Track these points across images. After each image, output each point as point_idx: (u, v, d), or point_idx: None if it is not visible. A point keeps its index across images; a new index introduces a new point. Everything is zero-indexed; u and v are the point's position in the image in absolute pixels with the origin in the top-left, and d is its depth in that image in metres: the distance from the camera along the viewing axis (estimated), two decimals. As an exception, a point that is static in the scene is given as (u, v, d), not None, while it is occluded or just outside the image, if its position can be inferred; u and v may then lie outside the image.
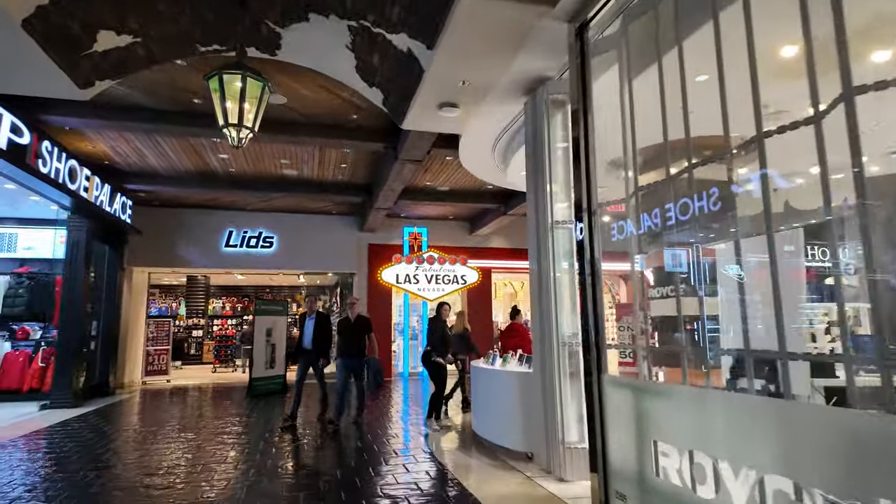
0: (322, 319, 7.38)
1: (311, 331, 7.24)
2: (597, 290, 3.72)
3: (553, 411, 4.42)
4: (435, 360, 6.95)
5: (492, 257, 14.40)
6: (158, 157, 8.97)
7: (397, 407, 8.84)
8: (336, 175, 10.10)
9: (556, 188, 4.66)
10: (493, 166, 7.26)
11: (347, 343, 6.98)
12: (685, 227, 3.93)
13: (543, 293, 4.64)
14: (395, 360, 13.85)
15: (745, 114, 2.54)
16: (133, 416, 8.13)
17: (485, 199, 11.63)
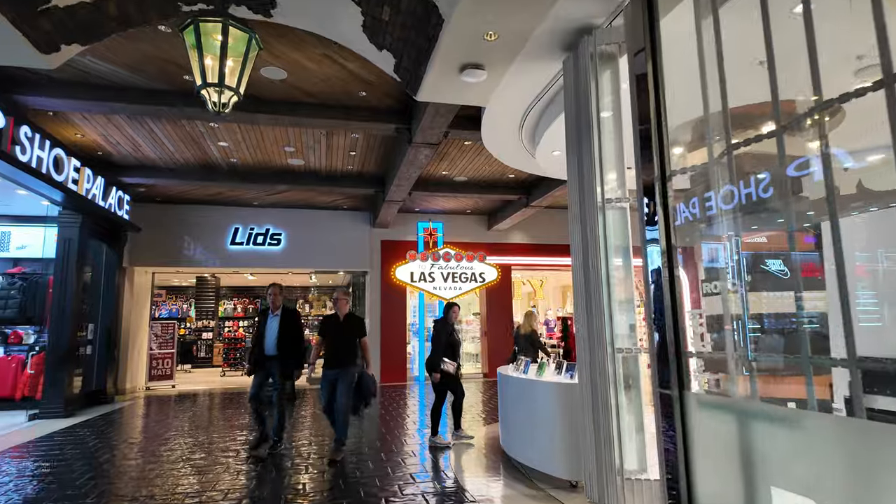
0: (289, 317, 5.82)
1: (274, 332, 5.71)
2: (675, 283, 2.90)
3: (606, 432, 3.59)
4: (444, 368, 6.03)
5: (512, 253, 13.57)
6: (154, 146, 8.31)
7: (413, 417, 8.06)
8: (345, 165, 9.35)
9: (606, 159, 3.83)
10: (519, 147, 6.44)
11: (336, 349, 5.49)
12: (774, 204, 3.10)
13: (591, 289, 3.82)
14: (409, 363, 13.08)
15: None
16: (125, 429, 7.45)
17: (505, 189, 10.81)
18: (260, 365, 5.74)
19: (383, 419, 7.73)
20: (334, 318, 5.69)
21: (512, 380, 5.06)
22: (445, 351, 6.10)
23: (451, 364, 6.08)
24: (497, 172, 9.88)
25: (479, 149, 8.49)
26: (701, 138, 3.16)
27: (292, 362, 5.74)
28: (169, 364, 12.42)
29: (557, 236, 13.77)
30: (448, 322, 6.28)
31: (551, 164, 6.44)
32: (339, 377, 5.42)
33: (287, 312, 5.88)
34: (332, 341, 5.56)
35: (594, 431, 3.74)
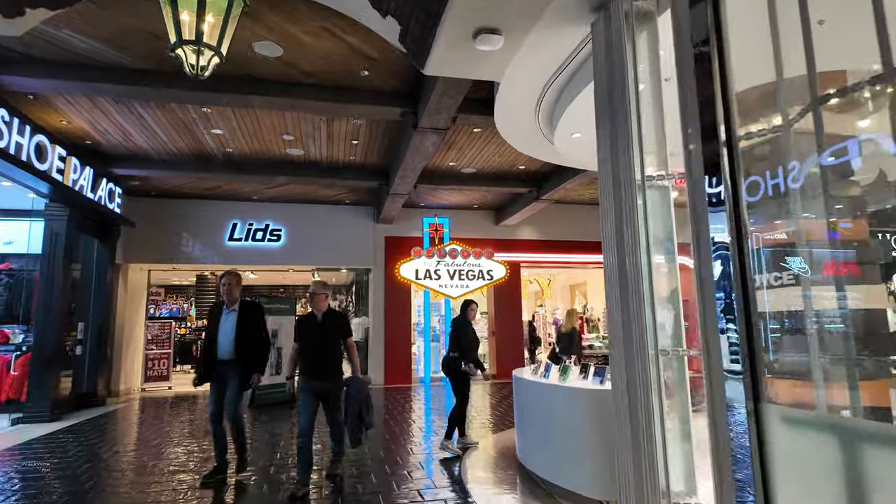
0: (248, 312, 4.76)
1: (230, 332, 4.64)
2: (746, 275, 2.38)
3: (648, 448, 3.08)
4: (464, 369, 5.62)
5: (520, 250, 13.05)
6: (145, 134, 7.84)
7: (419, 422, 7.56)
8: (347, 155, 8.86)
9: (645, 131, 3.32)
10: (535, 131, 5.93)
11: (314, 354, 4.53)
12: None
13: (629, 281, 3.30)
14: (414, 363, 12.60)
15: None
16: (110, 435, 6.99)
17: (515, 182, 10.30)
18: (212, 373, 4.67)
19: (387, 425, 7.24)
20: (311, 319, 4.66)
21: (530, 384, 4.55)
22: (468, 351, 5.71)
23: (476, 367, 5.70)
24: (507, 163, 9.38)
25: (488, 136, 7.99)
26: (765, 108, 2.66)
27: (252, 367, 4.70)
28: (165, 365, 11.98)
29: (568, 232, 13.25)
30: (467, 319, 5.88)
31: (570, 148, 5.92)
32: (324, 392, 4.56)
33: (247, 307, 4.81)
34: (311, 347, 4.56)
35: (632, 446, 3.22)
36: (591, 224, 13.39)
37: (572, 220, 13.26)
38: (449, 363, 5.78)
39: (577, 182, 9.34)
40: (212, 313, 4.88)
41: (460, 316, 5.98)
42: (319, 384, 4.53)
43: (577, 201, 12.86)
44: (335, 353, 4.64)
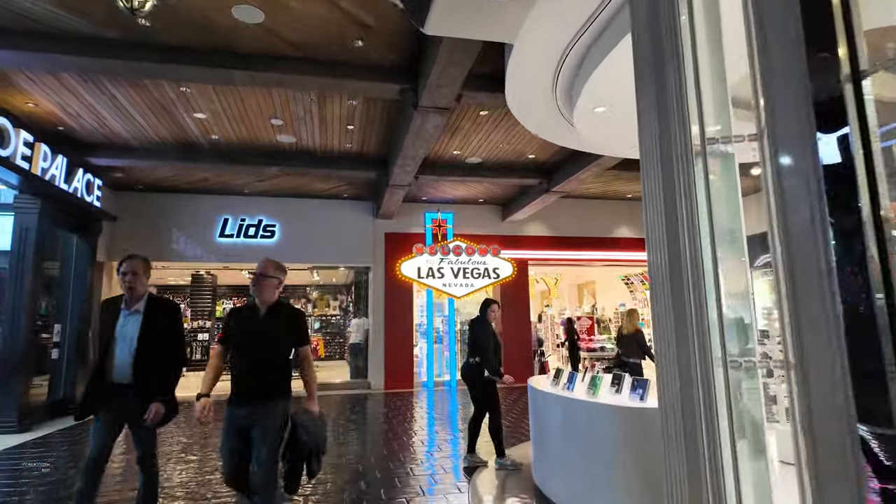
0: (160, 314, 3.31)
1: (129, 342, 3.19)
2: (888, 262, 1.68)
3: (713, 479, 2.38)
4: (489, 377, 4.99)
5: (528, 247, 12.36)
6: (121, 119, 7.19)
7: (421, 434, 6.88)
8: (343, 143, 8.19)
9: (703, 84, 2.63)
10: (551, 107, 5.24)
11: (248, 365, 3.10)
12: None
13: (685, 278, 2.61)
14: (416, 366, 11.93)
15: None
16: (80, 451, 6.33)
17: (523, 172, 9.61)
18: (102, 402, 3.19)
19: (385, 437, 6.57)
20: (248, 313, 3.20)
21: (551, 398, 3.87)
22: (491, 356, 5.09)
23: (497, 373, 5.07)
24: (515, 152, 8.69)
25: (496, 120, 7.31)
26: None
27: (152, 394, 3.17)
28: (153, 368, 11.31)
29: (578, 228, 12.56)
30: (487, 321, 5.23)
31: (592, 127, 5.23)
32: (254, 422, 3.01)
33: (158, 307, 3.33)
34: (244, 353, 3.10)
35: (689, 476, 2.53)
36: (602, 219, 12.70)
37: (582, 215, 12.57)
38: (469, 370, 5.14)
39: (592, 172, 8.64)
40: (105, 314, 3.34)
41: (479, 317, 5.35)
42: (247, 412, 3.00)
43: (588, 195, 12.18)
44: (280, 367, 3.14)
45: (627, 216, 12.87)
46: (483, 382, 5.05)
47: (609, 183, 11.01)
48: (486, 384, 5.04)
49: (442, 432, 6.85)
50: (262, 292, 3.17)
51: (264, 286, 3.18)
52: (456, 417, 8.02)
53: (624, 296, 16.45)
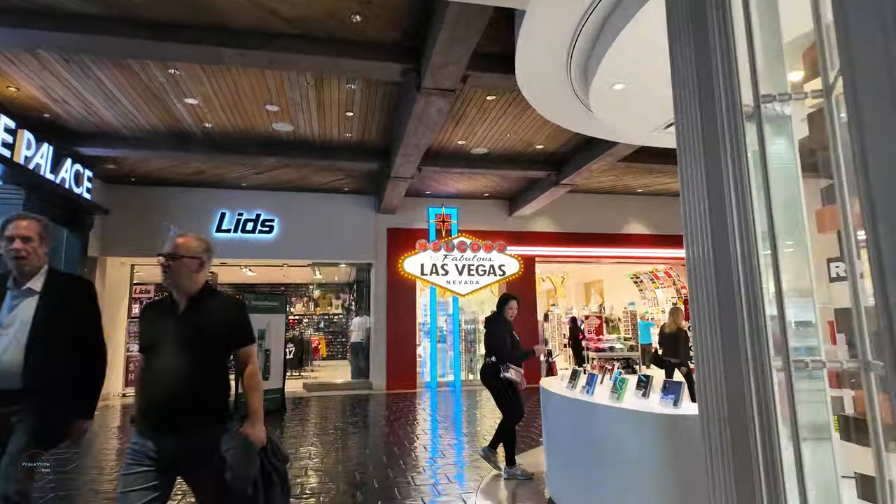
0: (65, 295, 2.43)
1: (18, 333, 2.27)
2: None
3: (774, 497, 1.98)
4: (505, 375, 4.55)
5: (535, 243, 11.96)
6: (109, 105, 6.84)
7: (423, 438, 6.50)
8: (342, 131, 7.82)
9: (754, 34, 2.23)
10: (565, 88, 4.84)
11: (161, 379, 2.13)
12: None
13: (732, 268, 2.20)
14: (419, 367, 11.55)
15: None
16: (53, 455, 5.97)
17: (531, 164, 9.20)
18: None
19: (386, 442, 6.19)
20: (162, 308, 2.28)
21: (567, 402, 3.47)
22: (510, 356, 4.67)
23: (516, 371, 4.59)
24: (523, 142, 8.29)
25: (504, 106, 6.92)
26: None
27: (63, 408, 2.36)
28: (148, 367, 10.97)
29: (588, 223, 12.14)
30: (505, 319, 4.78)
31: (609, 107, 4.82)
32: (179, 461, 2.11)
33: (62, 284, 2.47)
34: (158, 362, 2.17)
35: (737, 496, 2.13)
36: (612, 215, 12.28)
37: (592, 210, 12.16)
38: (485, 371, 4.73)
39: (603, 163, 8.23)
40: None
41: (495, 313, 4.91)
42: (167, 443, 2.08)
43: (597, 190, 11.76)
44: (209, 379, 2.19)
45: (639, 212, 12.44)
46: (499, 383, 4.60)
47: (620, 176, 10.60)
48: (504, 385, 4.58)
49: (446, 436, 6.46)
50: (177, 278, 2.21)
51: (180, 269, 2.21)
52: (461, 420, 7.63)
53: (633, 294, 16.03)
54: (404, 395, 10.22)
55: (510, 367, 4.56)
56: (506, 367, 4.55)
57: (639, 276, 15.59)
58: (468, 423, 7.30)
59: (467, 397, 9.85)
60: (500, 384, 4.57)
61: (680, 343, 6.66)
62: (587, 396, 3.26)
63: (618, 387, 3.04)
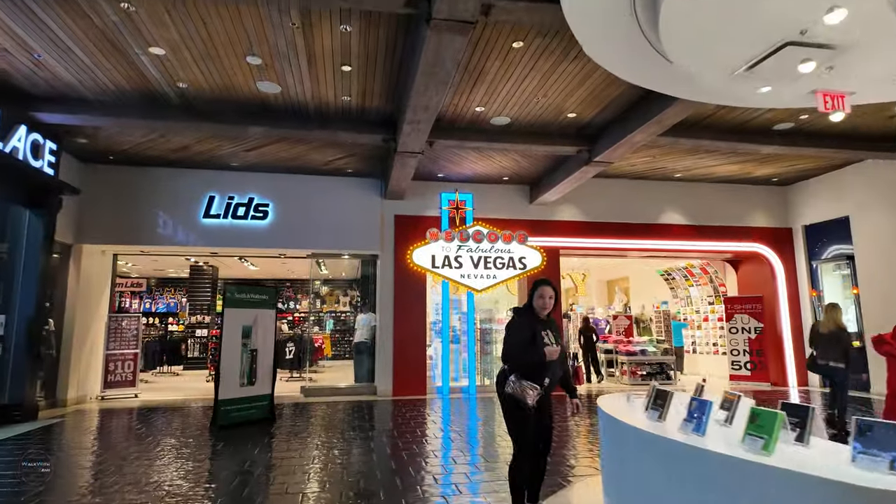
0: None
1: None
2: None
3: None
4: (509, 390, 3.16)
5: (560, 233, 10.70)
6: (63, 58, 5.75)
7: (434, 459, 5.28)
8: (339, 93, 6.65)
9: None
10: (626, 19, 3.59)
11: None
12: None
13: None
14: (430, 370, 10.36)
15: None
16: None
17: (560, 137, 7.95)
18: None
19: (395, 454, 4.99)
20: None
21: (654, 444, 2.23)
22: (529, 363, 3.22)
23: (532, 389, 3.09)
24: (553, 108, 7.05)
25: (532, 57, 5.70)
26: None
27: None
28: (130, 367, 9.94)
29: (619, 212, 10.86)
30: (533, 314, 3.38)
31: (685, 33, 3.56)
32: None
33: None
34: None
35: None
36: (646, 202, 10.98)
37: (623, 197, 10.88)
38: (496, 381, 3.42)
39: (647, 134, 6.96)
40: None
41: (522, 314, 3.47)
42: None
43: (630, 174, 10.49)
44: None
45: (675, 200, 11.12)
46: (505, 400, 3.28)
47: (657, 157, 9.31)
48: (507, 404, 3.26)
49: (461, 456, 5.25)
50: None
51: None
52: (476, 434, 6.43)
53: (663, 292, 14.66)
54: (412, 401, 9.03)
55: (519, 381, 3.14)
56: (516, 378, 3.16)
57: (670, 273, 14.23)
58: (486, 441, 6.08)
59: (483, 406, 8.64)
60: (504, 401, 3.31)
61: (844, 344, 6.06)
62: (696, 437, 2.03)
63: (758, 426, 1.80)
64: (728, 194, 11.31)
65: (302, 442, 5.97)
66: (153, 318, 18.86)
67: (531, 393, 3.04)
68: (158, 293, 19.86)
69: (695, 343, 13.48)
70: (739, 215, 11.40)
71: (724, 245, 11.36)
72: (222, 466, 5.04)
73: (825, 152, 8.56)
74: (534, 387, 3.07)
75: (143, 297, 19.30)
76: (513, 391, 3.11)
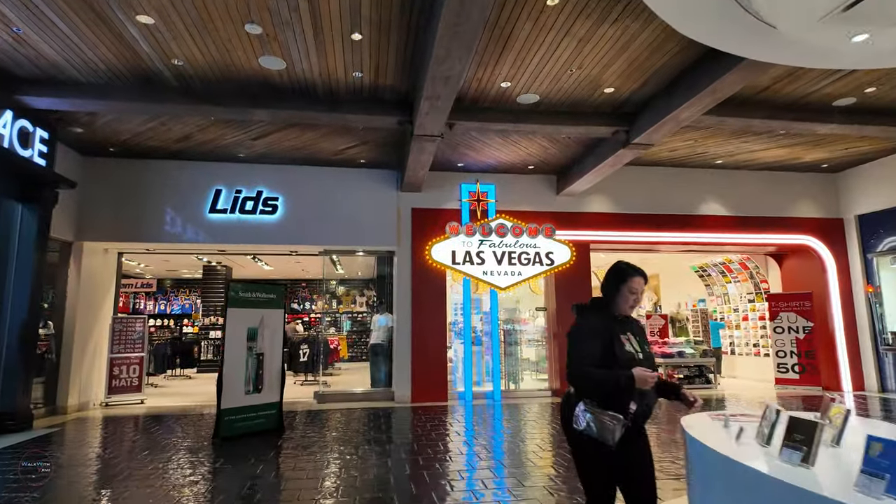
0: None
1: None
2: None
3: None
4: (586, 426, 2.18)
5: (590, 226, 9.92)
6: (47, 34, 5.20)
7: (457, 488, 4.58)
8: (350, 69, 5.99)
9: None
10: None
11: None
12: None
13: None
14: (451, 374, 9.67)
15: None
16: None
17: (595, 117, 7.19)
18: None
19: (416, 474, 4.31)
20: None
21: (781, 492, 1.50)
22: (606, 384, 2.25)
23: (614, 421, 2.15)
24: (588, 82, 6.31)
25: (569, 17, 4.96)
26: None
27: None
28: (136, 372, 9.42)
29: (654, 203, 10.05)
30: (609, 312, 2.48)
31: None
32: None
33: None
34: None
35: None
36: (683, 192, 10.14)
37: (657, 187, 10.06)
38: (562, 410, 2.48)
39: (697, 108, 6.17)
40: None
41: (586, 317, 2.52)
42: None
43: (666, 162, 9.68)
44: None
45: (715, 189, 10.26)
46: (573, 437, 2.37)
47: (700, 141, 8.48)
48: (575, 442, 2.36)
49: (490, 482, 4.53)
50: None
51: None
52: (500, 448, 5.71)
53: (697, 290, 13.75)
54: (433, 409, 8.34)
55: (593, 410, 2.22)
56: (588, 406, 2.24)
57: (705, 269, 13.32)
58: (514, 459, 5.36)
59: (510, 413, 7.91)
60: (571, 437, 2.39)
61: None
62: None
63: None
64: (773, 183, 10.41)
65: (310, 458, 5.31)
66: (168, 320, 18.58)
67: (613, 426, 2.12)
68: (173, 294, 19.57)
69: (733, 344, 12.57)
70: (785, 205, 10.48)
71: (769, 237, 10.45)
72: (219, 488, 4.40)
73: (891, 131, 7.65)
74: (616, 417, 2.13)
75: (157, 298, 19.03)
76: (585, 427, 2.17)
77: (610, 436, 2.11)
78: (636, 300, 2.45)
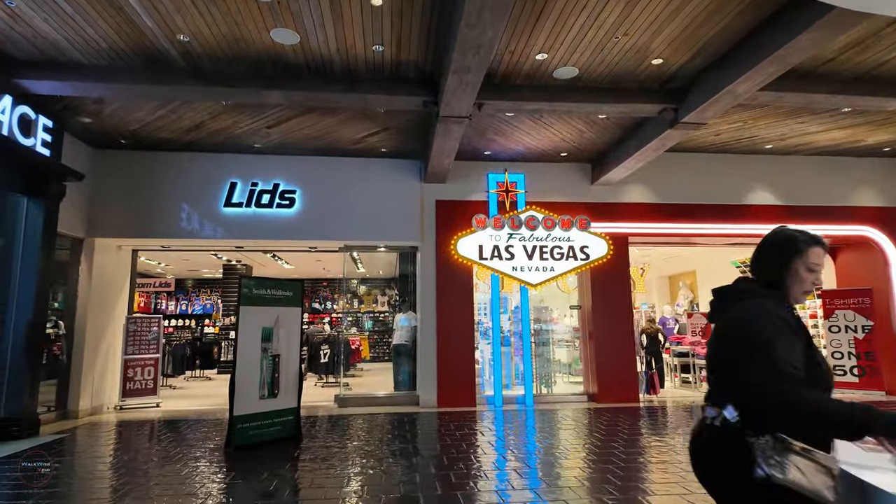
0: None
1: None
2: None
3: None
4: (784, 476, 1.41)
5: (628, 217, 9.21)
6: (42, 9, 4.77)
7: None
8: (368, 39, 5.43)
9: None
10: None
11: None
12: None
13: None
14: (479, 377, 9.06)
15: None
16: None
17: (639, 94, 6.50)
18: None
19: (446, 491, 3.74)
20: None
21: None
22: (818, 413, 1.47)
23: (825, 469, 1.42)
24: (634, 52, 5.64)
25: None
26: None
27: None
28: (151, 374, 9.05)
29: (696, 192, 9.30)
30: (788, 306, 1.73)
31: None
32: None
33: None
34: None
35: None
36: (729, 180, 9.36)
37: (700, 174, 9.30)
38: (708, 442, 1.69)
39: (759, 78, 5.45)
40: None
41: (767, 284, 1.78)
42: None
43: (709, 147, 8.93)
44: None
45: (763, 176, 9.45)
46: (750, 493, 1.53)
47: (751, 123, 7.72)
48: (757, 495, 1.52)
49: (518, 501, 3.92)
50: None
51: None
52: (542, 462, 5.10)
53: (739, 287, 12.85)
54: (460, 414, 7.75)
55: (791, 452, 1.46)
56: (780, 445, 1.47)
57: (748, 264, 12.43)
58: (543, 466, 4.73)
59: (544, 421, 7.28)
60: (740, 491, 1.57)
61: None
62: None
63: None
64: (827, 169, 9.56)
65: (329, 473, 4.78)
66: (189, 320, 18.38)
67: (833, 473, 1.41)
68: (195, 294, 19.39)
69: None
70: (841, 193, 9.62)
71: (823, 228, 9.55)
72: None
73: (974, 105, 6.79)
74: (830, 463, 1.42)
75: (178, 298, 18.85)
76: (784, 477, 1.41)
77: (827, 490, 1.39)
78: (816, 281, 1.74)
